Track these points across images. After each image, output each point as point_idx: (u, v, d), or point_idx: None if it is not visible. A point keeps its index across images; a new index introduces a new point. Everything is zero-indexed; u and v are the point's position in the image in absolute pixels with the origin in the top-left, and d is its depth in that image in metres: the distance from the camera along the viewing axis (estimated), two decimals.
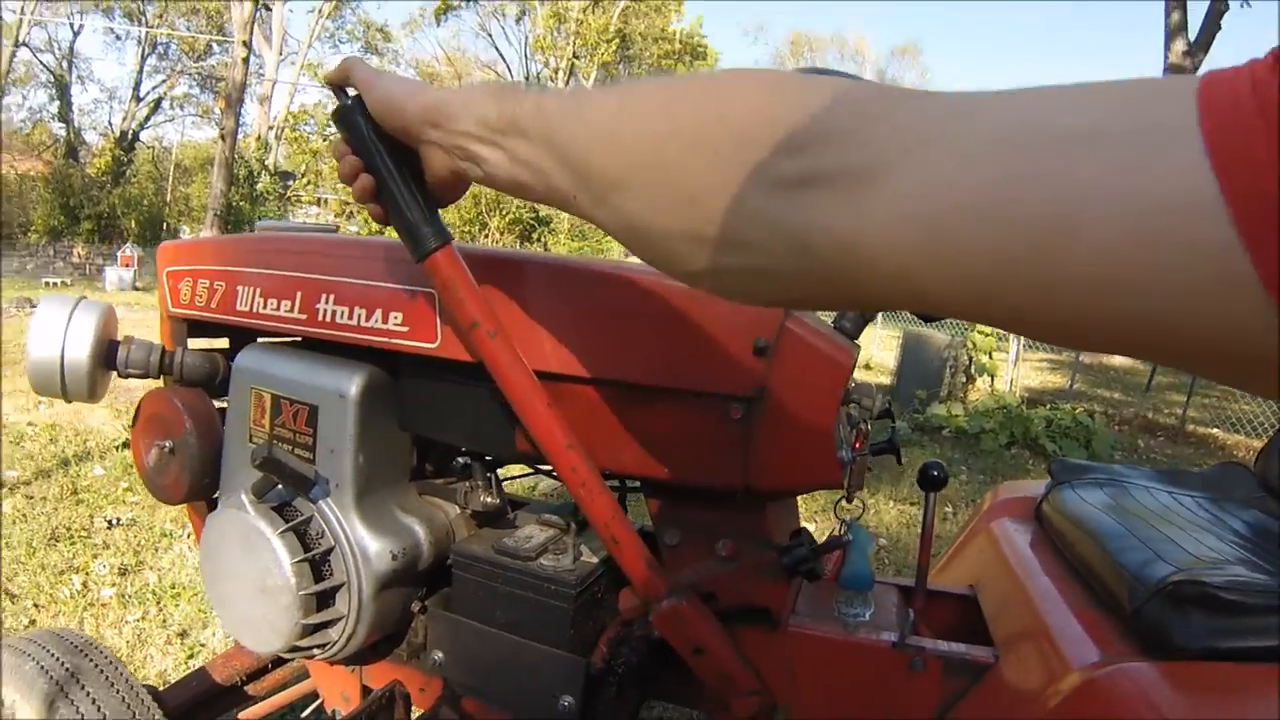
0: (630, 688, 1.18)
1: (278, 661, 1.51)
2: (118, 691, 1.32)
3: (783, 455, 1.01)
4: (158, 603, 2.71)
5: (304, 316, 1.21)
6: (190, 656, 2.37)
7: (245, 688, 1.49)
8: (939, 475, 1.19)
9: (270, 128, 28.21)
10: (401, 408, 1.22)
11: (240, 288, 1.29)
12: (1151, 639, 1.02)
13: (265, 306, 1.25)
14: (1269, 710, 0.94)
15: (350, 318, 1.17)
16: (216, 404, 1.38)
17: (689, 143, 0.46)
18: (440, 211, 0.89)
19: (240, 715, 1.46)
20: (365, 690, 1.37)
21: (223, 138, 18.19)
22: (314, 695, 1.52)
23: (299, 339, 1.33)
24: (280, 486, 1.20)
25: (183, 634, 2.50)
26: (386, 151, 0.83)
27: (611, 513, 0.99)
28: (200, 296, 1.35)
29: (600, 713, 1.20)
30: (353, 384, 1.19)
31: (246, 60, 18.63)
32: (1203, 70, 0.33)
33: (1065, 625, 1.12)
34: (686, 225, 0.46)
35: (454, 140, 0.70)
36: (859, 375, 1.13)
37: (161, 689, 1.45)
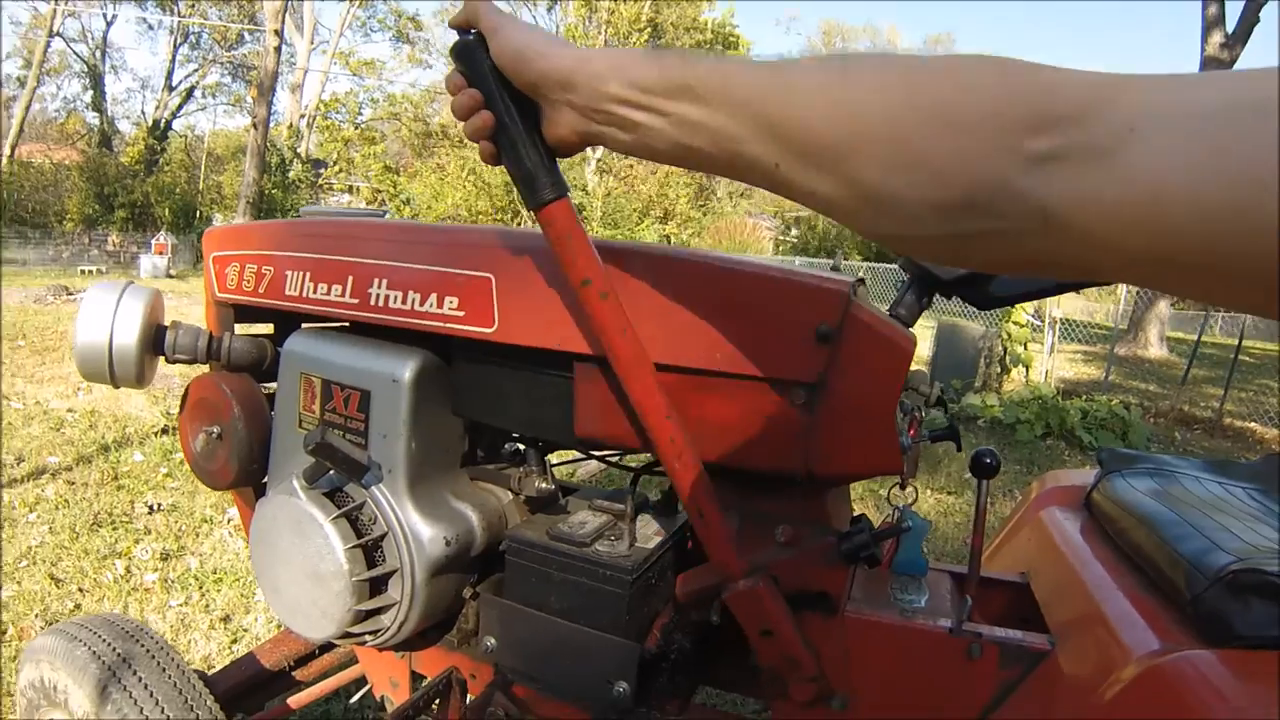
0: (683, 674, 1.17)
1: (325, 647, 1.50)
2: (169, 677, 1.31)
3: (845, 441, 0.99)
4: (200, 588, 2.71)
5: (356, 301, 1.20)
6: (234, 641, 2.36)
7: (293, 673, 1.48)
8: (991, 463, 1.18)
9: (302, 116, 28.24)
10: (456, 393, 1.20)
11: (289, 272, 1.27)
12: (1211, 628, 1.01)
13: (315, 291, 1.24)
14: None
15: (404, 302, 1.16)
16: (264, 389, 1.36)
17: (934, 117, 0.48)
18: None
19: (290, 700, 1.46)
20: (414, 676, 1.36)
21: (255, 126, 18.25)
22: (362, 681, 1.52)
23: (347, 324, 1.31)
24: (332, 472, 1.19)
25: (226, 619, 2.50)
26: (509, 95, 0.78)
27: (702, 488, 0.97)
28: (248, 281, 1.33)
29: (654, 699, 1.19)
30: (407, 369, 1.17)
31: (278, 49, 18.65)
32: (1240, 63, 0.39)
33: (1122, 613, 1.10)
34: (929, 194, 0.48)
35: (596, 103, 0.68)
36: None
37: (210, 673, 1.45)
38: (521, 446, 1.27)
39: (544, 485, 1.20)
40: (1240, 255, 0.37)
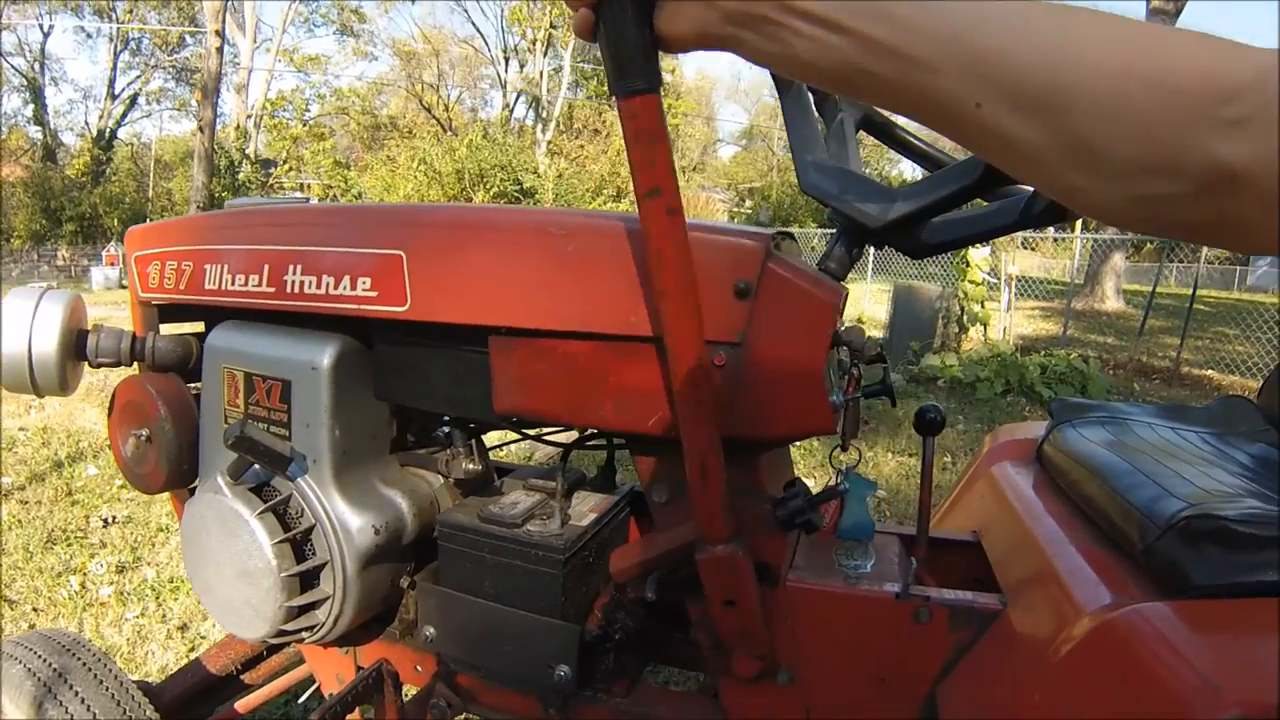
0: (629, 653, 1.11)
1: (274, 648, 1.45)
2: (106, 689, 1.25)
3: (771, 402, 0.94)
4: (157, 598, 2.64)
5: (273, 290, 1.14)
6: (191, 650, 2.29)
7: (241, 677, 1.42)
8: (935, 418, 1.12)
9: (249, 116, 27.51)
10: (376, 376, 1.14)
11: (208, 266, 1.22)
12: (1165, 578, 0.95)
13: (234, 283, 1.18)
14: None
15: (319, 287, 1.10)
16: (193, 389, 1.31)
17: (1154, 77, 0.49)
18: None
19: (238, 705, 1.40)
20: (360, 671, 1.31)
21: (201, 129, 17.81)
22: (311, 680, 1.46)
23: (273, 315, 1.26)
24: (256, 466, 1.13)
25: (183, 627, 2.43)
26: None
27: (710, 442, 0.89)
28: (169, 279, 1.27)
29: (599, 680, 1.14)
30: (325, 355, 1.11)
31: (221, 50, 18.15)
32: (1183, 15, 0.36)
33: (1075, 568, 1.04)
34: (1135, 152, 0.49)
35: (755, 6, 0.59)
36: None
37: (156, 684, 1.39)
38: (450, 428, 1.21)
39: (472, 466, 1.14)
40: None
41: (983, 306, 7.85)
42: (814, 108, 1.15)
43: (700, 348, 0.85)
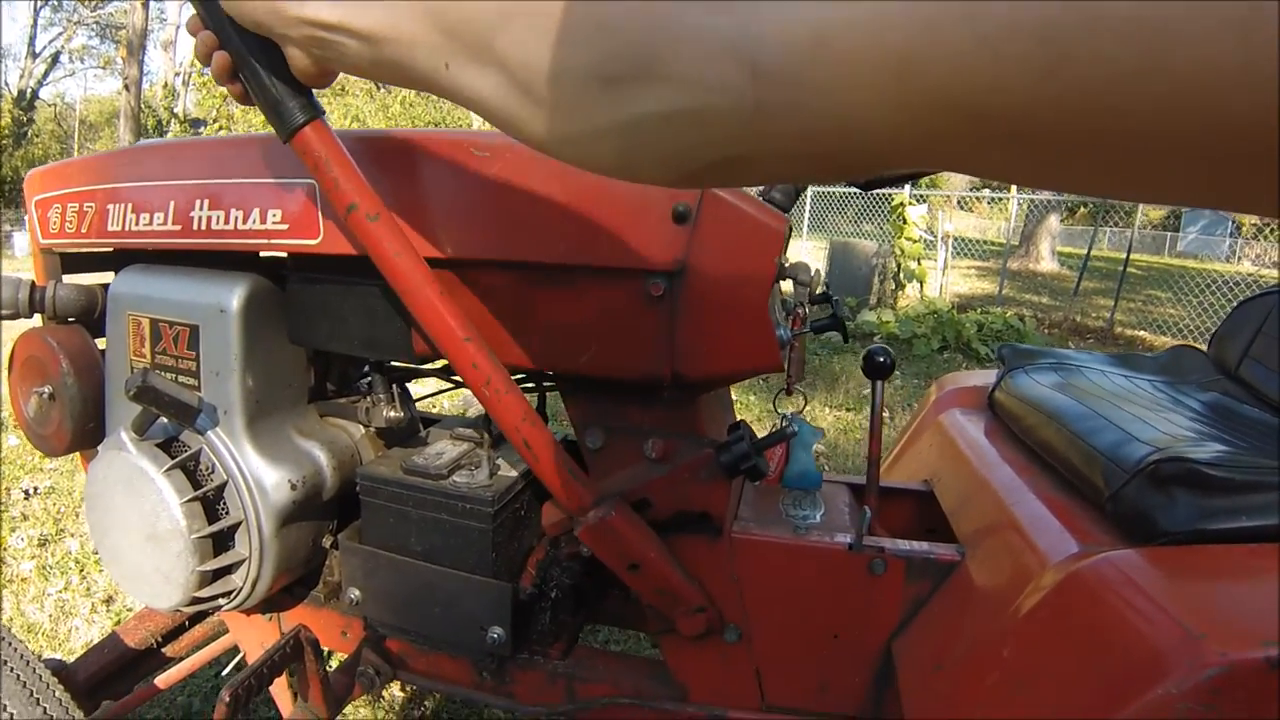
0: (566, 613, 0.99)
1: (196, 618, 1.29)
2: (11, 669, 1.10)
3: (713, 336, 0.81)
4: (80, 571, 2.41)
5: (178, 228, 0.98)
6: (118, 623, 2.00)
7: (163, 650, 1.25)
8: (885, 361, 1.00)
9: (177, 74, 24.90)
10: (290, 319, 0.99)
11: (111, 206, 1.05)
12: (1133, 525, 0.84)
13: (138, 223, 1.02)
14: (1271, 595, 0.77)
15: (227, 221, 0.94)
16: (100, 343, 1.15)
17: None
18: None
19: (159, 680, 1.25)
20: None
21: (127, 88, 16.65)
22: (236, 650, 1.31)
23: (182, 256, 1.10)
24: (163, 420, 0.99)
25: (108, 600, 2.22)
26: (240, 29, 0.63)
27: (522, 414, 0.76)
28: (70, 222, 1.11)
29: (535, 642, 1.01)
30: (234, 296, 0.96)
31: (146, 5, 16.93)
32: None
33: (1036, 516, 0.93)
34: (589, 59, 0.34)
35: (292, 29, 0.55)
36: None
37: (70, 661, 1.23)
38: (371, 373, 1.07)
39: (394, 414, 0.99)
40: (1084, 93, 0.21)
41: (919, 264, 7.61)
42: None
43: (463, 327, 0.73)
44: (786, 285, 0.94)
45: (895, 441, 1.42)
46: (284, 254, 0.97)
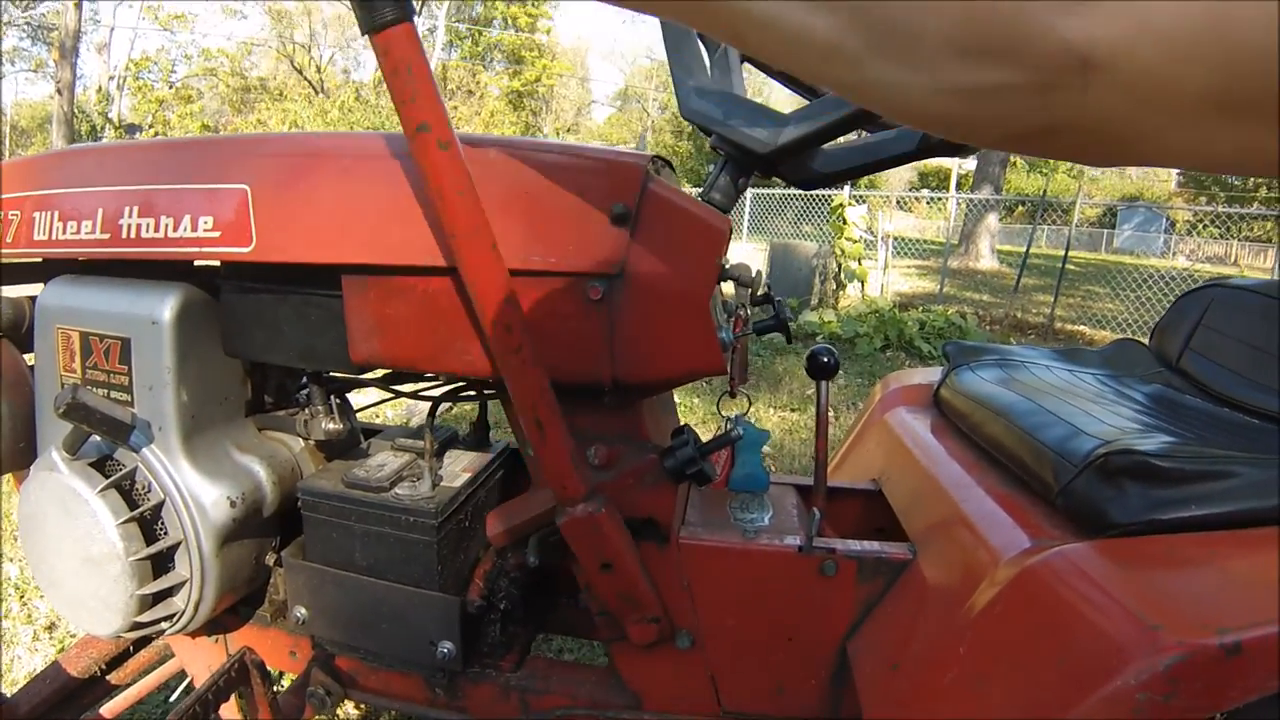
0: (516, 624, 0.95)
1: (141, 643, 1.23)
2: None
3: (654, 339, 0.78)
4: (21, 597, 2.25)
5: (107, 236, 0.94)
6: (61, 650, 1.92)
7: (107, 677, 1.18)
8: (829, 362, 0.98)
9: (111, 78, 24.25)
10: (225, 329, 0.95)
11: (38, 214, 1.00)
12: (1084, 517, 0.82)
13: (65, 231, 0.97)
14: (1223, 583, 0.76)
15: (157, 229, 0.90)
16: (30, 358, 1.10)
17: None
18: None
19: (104, 709, 1.18)
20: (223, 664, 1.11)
21: (60, 92, 15.84)
22: (183, 675, 1.25)
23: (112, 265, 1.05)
24: (96, 437, 0.94)
25: (51, 627, 2.09)
26: None
27: (541, 390, 0.73)
28: None
29: (487, 655, 0.98)
30: (165, 307, 0.91)
31: (79, 5, 16.00)
32: None
33: (987, 512, 0.91)
34: (955, 31, 0.36)
35: None
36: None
37: (10, 695, 1.17)
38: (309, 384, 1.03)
39: (333, 426, 0.95)
40: None
41: (860, 264, 7.53)
42: (697, 35, 0.99)
43: (504, 289, 0.70)
44: (728, 287, 0.92)
45: (843, 438, 1.41)
46: (217, 262, 0.92)
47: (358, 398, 1.08)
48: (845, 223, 7.26)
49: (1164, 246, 25.31)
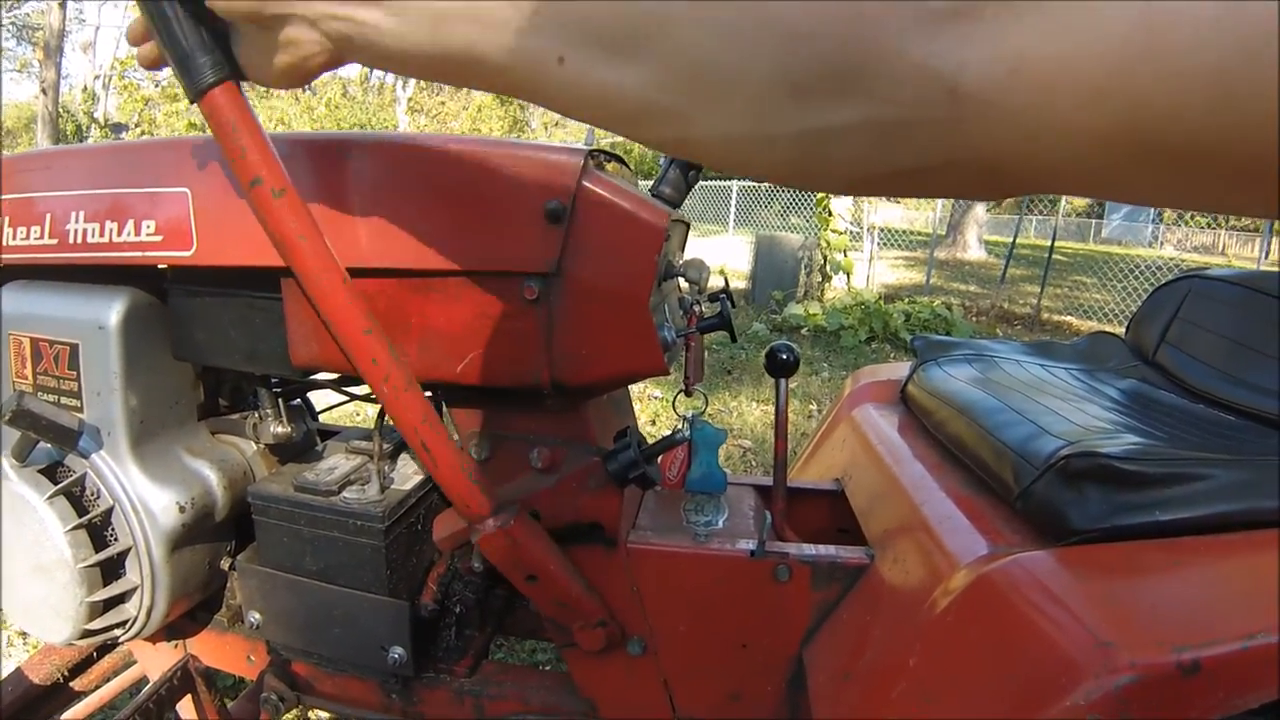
0: (471, 628, 0.92)
1: (105, 649, 1.21)
2: None
3: (592, 339, 0.74)
4: None
5: (55, 241, 0.91)
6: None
7: (70, 684, 1.15)
8: (788, 359, 0.93)
9: (97, 77, 23.44)
10: (172, 333, 0.91)
11: None
12: (1044, 523, 0.77)
13: (15, 237, 0.94)
14: (1185, 594, 0.72)
15: (103, 234, 0.87)
16: None
17: None
18: None
19: (66, 716, 1.14)
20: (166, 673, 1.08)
21: (45, 91, 15.46)
22: (145, 681, 1.23)
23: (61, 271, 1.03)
24: (45, 445, 0.91)
25: (25, 633, 1.96)
26: None
27: (422, 414, 0.68)
28: None
29: (440, 660, 0.94)
30: (112, 312, 0.88)
31: (64, 5, 15.62)
32: None
33: (946, 515, 0.87)
34: (780, 68, 0.31)
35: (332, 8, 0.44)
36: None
37: None
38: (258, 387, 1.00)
39: (281, 429, 0.91)
40: (1245, 124, 0.23)
41: (845, 256, 7.27)
42: None
43: (365, 319, 0.65)
44: (684, 283, 0.88)
45: (811, 436, 1.36)
46: (163, 266, 0.90)
47: (329, 398, 1.05)
48: (830, 214, 7.04)
49: (1152, 236, 24.91)
